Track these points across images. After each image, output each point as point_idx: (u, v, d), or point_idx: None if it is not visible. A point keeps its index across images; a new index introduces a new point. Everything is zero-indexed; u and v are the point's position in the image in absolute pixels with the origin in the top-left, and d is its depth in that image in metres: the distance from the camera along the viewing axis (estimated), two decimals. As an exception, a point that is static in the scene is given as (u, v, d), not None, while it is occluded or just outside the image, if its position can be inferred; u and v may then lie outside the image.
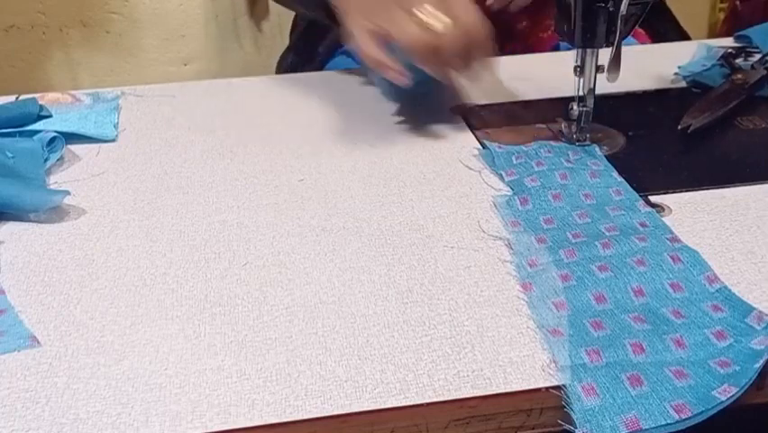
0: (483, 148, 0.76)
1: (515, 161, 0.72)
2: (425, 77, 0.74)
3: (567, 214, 0.64)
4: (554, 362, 0.50)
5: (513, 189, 0.69)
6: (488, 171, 0.73)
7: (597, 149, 0.74)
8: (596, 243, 0.59)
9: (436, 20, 0.69)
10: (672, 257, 0.57)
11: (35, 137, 0.78)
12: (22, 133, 0.79)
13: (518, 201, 0.66)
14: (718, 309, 0.53)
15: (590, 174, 0.69)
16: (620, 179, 0.69)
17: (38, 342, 0.54)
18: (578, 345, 0.50)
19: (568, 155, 0.72)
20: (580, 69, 0.74)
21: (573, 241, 0.61)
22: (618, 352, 0.49)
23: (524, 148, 0.73)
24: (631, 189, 0.67)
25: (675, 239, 0.60)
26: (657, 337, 0.50)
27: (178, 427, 0.47)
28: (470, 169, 0.74)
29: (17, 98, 0.87)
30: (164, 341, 0.53)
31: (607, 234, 0.61)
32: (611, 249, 0.58)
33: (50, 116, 0.82)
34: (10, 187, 0.68)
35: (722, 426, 0.54)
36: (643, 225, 0.62)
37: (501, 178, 0.71)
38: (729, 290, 0.55)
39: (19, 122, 0.80)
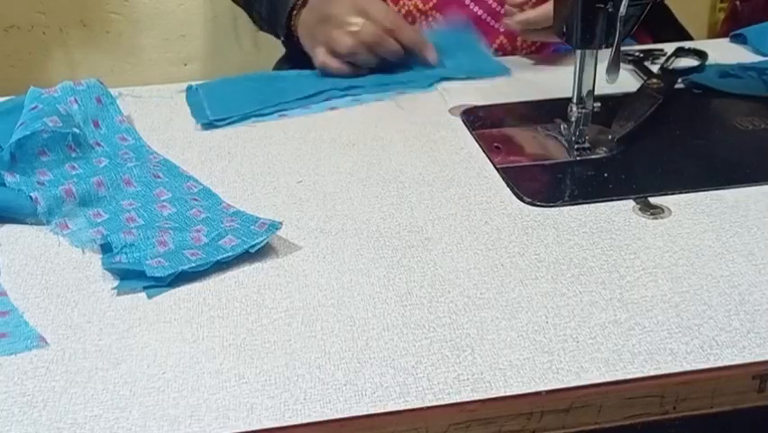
0: None
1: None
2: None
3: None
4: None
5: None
6: (488, 172, 0.73)
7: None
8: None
9: (354, 24, 0.90)
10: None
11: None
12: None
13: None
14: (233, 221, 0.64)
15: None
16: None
17: (46, 342, 0.54)
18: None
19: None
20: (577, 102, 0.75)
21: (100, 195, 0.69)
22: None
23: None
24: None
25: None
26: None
27: (176, 431, 0.47)
28: (470, 170, 0.74)
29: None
30: (162, 345, 0.53)
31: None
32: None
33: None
34: (8, 190, 0.68)
35: (723, 427, 0.54)
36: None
37: None
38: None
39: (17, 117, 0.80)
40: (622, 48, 0.71)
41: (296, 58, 1.04)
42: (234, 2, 1.18)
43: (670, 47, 0.98)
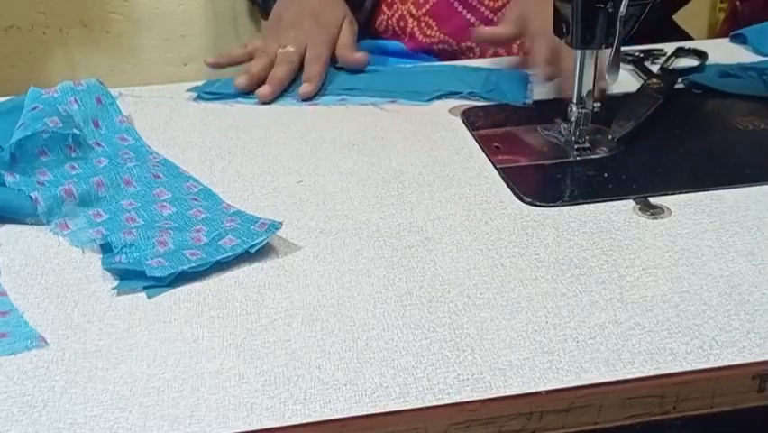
0: None
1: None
2: None
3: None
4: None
5: None
6: (488, 172, 0.73)
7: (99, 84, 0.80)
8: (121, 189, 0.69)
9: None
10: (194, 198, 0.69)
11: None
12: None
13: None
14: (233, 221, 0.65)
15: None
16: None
17: (45, 342, 0.54)
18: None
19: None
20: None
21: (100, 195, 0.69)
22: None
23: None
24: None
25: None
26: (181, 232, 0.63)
27: (176, 431, 0.47)
28: (470, 170, 0.73)
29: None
30: (162, 344, 0.53)
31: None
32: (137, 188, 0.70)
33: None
34: (8, 190, 0.68)
35: (723, 427, 0.54)
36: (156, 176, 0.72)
37: None
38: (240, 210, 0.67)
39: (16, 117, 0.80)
40: (622, 48, 0.71)
41: None
42: None
43: (670, 47, 0.98)
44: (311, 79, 0.89)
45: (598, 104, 0.75)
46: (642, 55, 0.96)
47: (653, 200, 0.67)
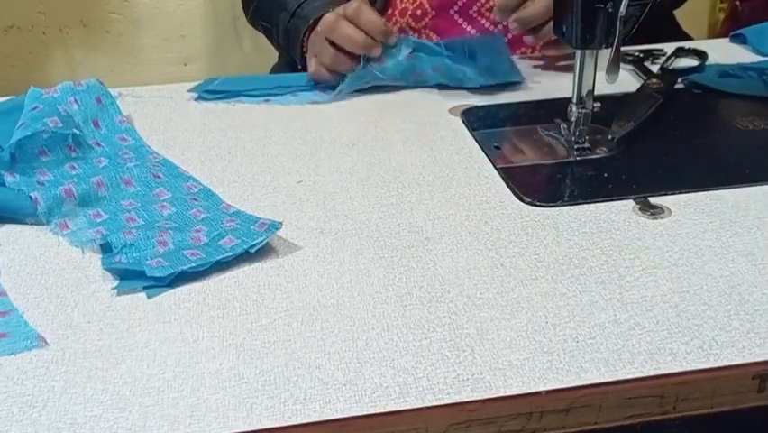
0: None
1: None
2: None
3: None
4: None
5: None
6: (488, 172, 0.73)
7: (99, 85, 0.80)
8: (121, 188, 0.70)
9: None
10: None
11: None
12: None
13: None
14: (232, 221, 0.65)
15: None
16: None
17: (45, 342, 0.54)
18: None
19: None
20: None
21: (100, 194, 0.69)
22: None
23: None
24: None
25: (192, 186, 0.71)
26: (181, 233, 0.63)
27: (176, 431, 0.47)
28: (470, 170, 0.74)
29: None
30: (162, 344, 0.53)
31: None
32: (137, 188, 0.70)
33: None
34: (8, 190, 0.68)
35: (723, 427, 0.54)
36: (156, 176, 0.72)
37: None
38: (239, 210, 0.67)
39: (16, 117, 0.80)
40: (622, 48, 0.71)
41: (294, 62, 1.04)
42: (255, 27, 1.18)
43: (670, 47, 0.98)
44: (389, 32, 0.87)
45: (598, 104, 0.75)
46: (642, 55, 0.96)
47: (653, 200, 0.67)
